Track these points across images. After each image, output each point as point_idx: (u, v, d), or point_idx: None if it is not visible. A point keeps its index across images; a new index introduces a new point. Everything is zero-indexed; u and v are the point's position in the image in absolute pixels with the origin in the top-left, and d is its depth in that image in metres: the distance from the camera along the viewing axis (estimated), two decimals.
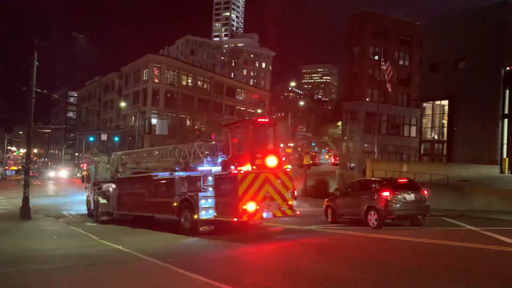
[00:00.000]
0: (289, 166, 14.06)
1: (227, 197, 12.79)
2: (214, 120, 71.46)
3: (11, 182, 58.90)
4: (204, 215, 13.17)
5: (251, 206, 12.22)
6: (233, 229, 13.98)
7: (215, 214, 13.21)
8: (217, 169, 13.82)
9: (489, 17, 36.07)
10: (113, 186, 19.30)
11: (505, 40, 34.69)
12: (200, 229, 13.33)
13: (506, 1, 35.70)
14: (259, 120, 15.32)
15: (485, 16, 36.40)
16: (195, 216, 13.29)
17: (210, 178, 13.64)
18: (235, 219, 12.61)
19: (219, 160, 13.82)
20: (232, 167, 12.58)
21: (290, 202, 13.17)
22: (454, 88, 37.39)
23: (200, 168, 14.49)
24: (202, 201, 13.22)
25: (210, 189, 13.46)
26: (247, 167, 12.60)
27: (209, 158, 14.32)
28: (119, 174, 19.55)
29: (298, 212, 13.99)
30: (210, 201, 13.28)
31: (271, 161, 13.01)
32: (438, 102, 40.62)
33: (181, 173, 14.93)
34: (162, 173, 16.44)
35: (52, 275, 8.53)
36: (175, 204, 14.42)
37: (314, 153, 70.61)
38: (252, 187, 12.42)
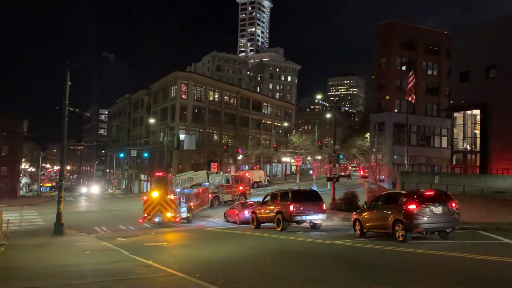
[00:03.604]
0: (172, 196, 25.78)
1: None
2: (241, 134, 71.92)
3: (45, 198, 60.67)
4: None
5: (148, 214, 25.38)
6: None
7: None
8: None
9: None
10: None
11: None
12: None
13: None
14: (156, 173, 28.56)
15: None
16: None
17: None
18: (140, 221, 26.04)
19: None
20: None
21: (172, 214, 25.19)
22: (486, 97, 36.42)
23: None
24: None
25: None
26: (148, 197, 26.24)
27: None
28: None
29: (177, 220, 25.40)
30: None
31: (155, 194, 25.67)
32: (469, 112, 39.60)
33: None
34: None
35: None
36: None
37: (344, 166, 69.81)
38: (150, 206, 25.44)
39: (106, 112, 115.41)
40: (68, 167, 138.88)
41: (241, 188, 38.79)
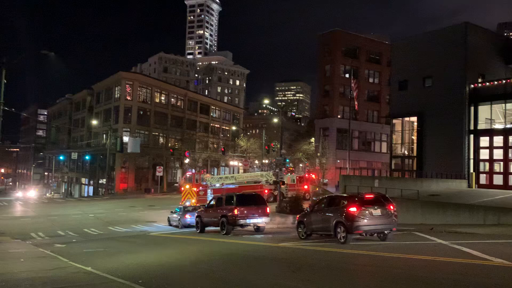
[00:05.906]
0: (195, 188, 38.32)
1: None
2: (188, 137, 71.14)
3: None
4: None
5: (184, 199, 36.82)
6: None
7: None
8: None
9: (453, 37, 37.57)
10: None
11: (468, 59, 36.14)
12: None
13: (468, 22, 37.35)
14: (186, 172, 48.96)
15: (449, 36, 37.91)
16: None
17: None
18: (180, 203, 35.42)
19: None
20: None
21: (194, 200, 36.11)
22: (422, 105, 38.53)
23: None
24: None
25: None
26: (184, 188, 39.20)
27: None
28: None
29: (197, 204, 32.03)
30: None
31: (187, 186, 38.50)
32: (407, 119, 41.66)
33: None
34: None
35: None
36: None
37: (291, 168, 70.97)
38: (184, 194, 37.90)
39: (46, 113, 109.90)
40: (3, 170, 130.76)
41: (305, 187, 42.32)
